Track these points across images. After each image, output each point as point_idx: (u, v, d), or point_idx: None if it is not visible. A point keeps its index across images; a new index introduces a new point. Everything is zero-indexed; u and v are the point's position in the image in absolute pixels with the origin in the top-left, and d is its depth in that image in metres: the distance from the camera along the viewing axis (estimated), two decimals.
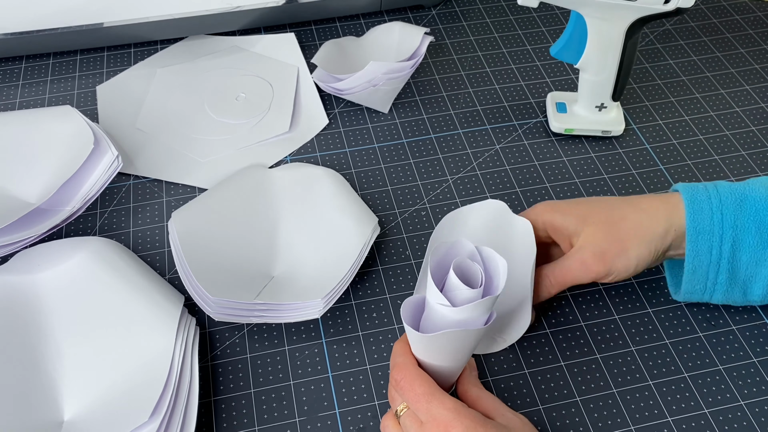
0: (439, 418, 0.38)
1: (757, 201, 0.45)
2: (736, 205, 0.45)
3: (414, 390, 0.39)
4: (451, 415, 0.38)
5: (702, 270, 0.46)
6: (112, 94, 0.67)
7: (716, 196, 0.46)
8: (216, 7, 0.68)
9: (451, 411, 0.38)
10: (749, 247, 0.45)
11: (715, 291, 0.47)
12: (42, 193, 0.55)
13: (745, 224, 0.45)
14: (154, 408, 0.43)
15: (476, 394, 0.43)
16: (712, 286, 0.46)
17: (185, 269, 0.50)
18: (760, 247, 0.45)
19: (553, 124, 0.63)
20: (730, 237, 0.45)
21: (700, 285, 0.47)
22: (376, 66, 0.60)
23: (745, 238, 0.45)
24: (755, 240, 0.45)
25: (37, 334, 0.48)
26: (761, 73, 0.70)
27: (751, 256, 0.45)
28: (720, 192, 0.46)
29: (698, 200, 0.46)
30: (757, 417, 0.46)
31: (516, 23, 0.75)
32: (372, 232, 0.53)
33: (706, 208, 0.45)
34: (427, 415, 0.39)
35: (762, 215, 0.45)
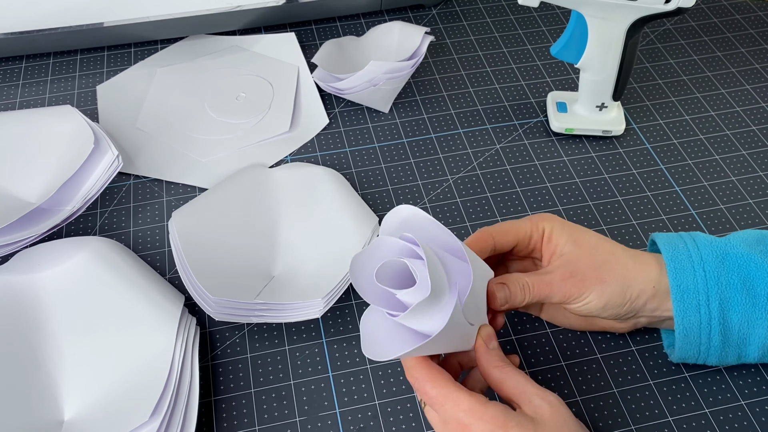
0: (457, 419, 0.37)
1: (739, 257, 0.44)
2: (718, 262, 0.44)
3: (427, 393, 0.38)
4: (467, 417, 0.37)
5: (694, 332, 0.44)
6: (112, 94, 0.67)
7: (697, 253, 0.44)
8: (216, 6, 0.68)
9: (466, 413, 0.37)
10: (738, 305, 0.43)
11: (710, 354, 0.45)
12: (42, 192, 0.55)
13: (730, 281, 0.43)
14: (155, 408, 0.43)
15: (499, 376, 0.40)
16: (706, 350, 0.45)
17: (185, 269, 0.50)
18: (749, 305, 0.43)
19: (554, 123, 0.63)
20: (717, 294, 0.43)
21: (693, 349, 0.45)
22: (377, 66, 0.60)
23: (732, 295, 0.43)
24: (742, 297, 0.43)
25: (38, 334, 0.48)
26: (762, 73, 0.70)
27: (741, 316, 0.43)
28: (700, 248, 0.45)
29: (679, 258, 0.44)
30: (757, 417, 0.46)
31: (516, 23, 0.75)
32: (372, 232, 0.53)
33: (688, 266, 0.44)
34: (446, 415, 0.38)
35: (745, 271, 0.44)
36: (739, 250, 0.44)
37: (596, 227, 0.57)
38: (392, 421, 0.46)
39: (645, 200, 0.59)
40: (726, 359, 0.45)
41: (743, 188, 0.60)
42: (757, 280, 0.43)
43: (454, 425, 0.38)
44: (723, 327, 0.44)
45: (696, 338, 0.44)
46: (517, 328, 0.51)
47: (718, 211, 0.58)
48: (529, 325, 0.51)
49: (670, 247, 0.45)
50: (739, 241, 0.45)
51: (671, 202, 0.59)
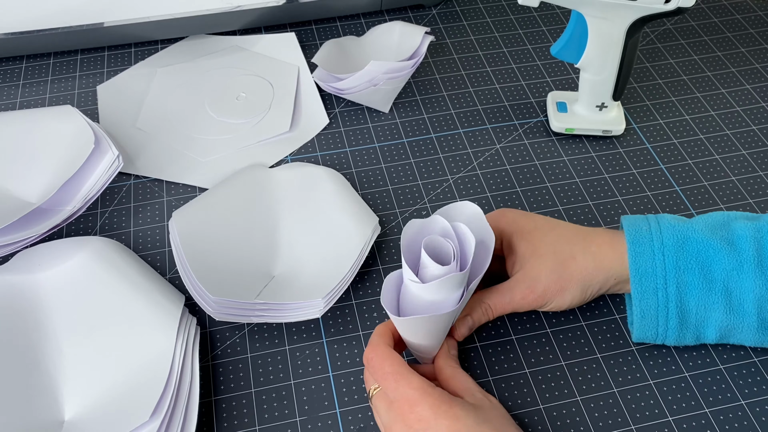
0: (406, 396, 0.40)
1: (698, 242, 0.45)
2: (678, 246, 0.45)
3: (383, 369, 0.41)
4: (417, 394, 0.39)
5: (651, 314, 0.45)
6: (112, 94, 0.67)
7: (658, 236, 0.45)
8: (216, 6, 0.68)
9: (417, 390, 0.40)
10: (695, 288, 0.44)
11: (668, 336, 0.46)
12: (42, 192, 0.55)
13: (687, 265, 0.44)
14: (155, 407, 0.43)
15: (450, 372, 0.44)
16: (664, 331, 0.46)
17: (186, 269, 0.50)
18: (705, 289, 0.44)
19: (554, 123, 0.63)
20: (674, 278, 0.44)
21: (651, 330, 0.46)
22: (377, 65, 0.60)
23: (690, 279, 0.44)
24: (699, 281, 0.44)
25: (38, 334, 0.48)
26: (762, 73, 0.70)
27: (698, 299, 0.45)
28: (663, 231, 0.46)
29: (640, 242, 0.45)
30: (757, 417, 0.46)
31: (516, 23, 0.75)
32: (372, 231, 0.53)
33: (648, 250, 0.45)
34: (395, 393, 0.40)
35: (703, 256, 0.45)
36: (700, 235, 0.45)
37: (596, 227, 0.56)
38: None
39: (645, 200, 0.59)
40: (684, 340, 0.47)
41: (743, 188, 0.60)
42: (714, 265, 0.44)
43: (402, 403, 0.40)
44: (680, 310, 0.45)
45: (653, 320, 0.46)
46: (517, 328, 0.51)
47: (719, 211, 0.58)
48: (529, 325, 0.51)
49: (633, 229, 0.46)
50: (701, 225, 0.46)
51: (671, 201, 0.59)
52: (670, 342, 0.47)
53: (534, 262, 0.46)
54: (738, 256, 0.44)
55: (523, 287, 0.46)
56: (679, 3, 0.52)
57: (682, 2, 0.52)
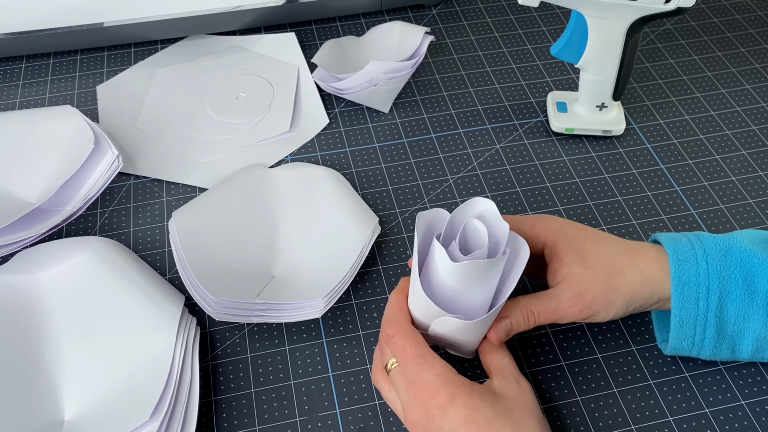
0: (428, 381, 0.39)
1: (742, 251, 0.44)
2: (721, 255, 0.44)
3: (405, 350, 0.40)
4: (438, 381, 0.39)
5: (689, 324, 0.44)
6: (112, 94, 0.67)
7: (700, 246, 0.44)
8: (216, 6, 0.68)
9: (438, 377, 0.39)
10: (736, 299, 0.43)
11: (703, 346, 0.45)
12: (42, 192, 0.55)
13: (731, 275, 0.43)
14: (155, 408, 0.43)
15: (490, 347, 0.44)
16: (700, 341, 0.45)
17: (186, 269, 0.50)
18: (747, 299, 0.43)
19: (554, 123, 0.63)
20: (717, 288, 0.43)
21: (687, 340, 0.45)
22: (377, 65, 0.60)
23: (732, 289, 0.43)
24: (742, 291, 0.43)
25: (38, 334, 0.48)
26: (762, 73, 0.70)
27: (739, 309, 0.44)
28: (704, 242, 0.45)
29: (682, 251, 0.44)
30: (758, 416, 0.46)
31: (516, 23, 0.75)
32: (372, 231, 0.53)
33: (691, 258, 0.44)
34: (416, 376, 0.40)
35: (747, 266, 0.44)
36: (743, 244, 0.44)
37: (596, 227, 0.57)
38: (392, 421, 0.46)
39: (645, 200, 0.59)
40: (719, 353, 0.45)
41: (743, 188, 0.60)
42: (757, 276, 0.43)
43: (422, 387, 0.39)
44: (719, 319, 0.44)
45: (691, 330, 0.45)
46: None
47: (718, 211, 0.58)
48: None
49: (672, 241, 0.45)
50: (742, 237, 0.45)
51: (671, 201, 0.59)
52: (705, 354, 0.46)
53: (583, 273, 0.44)
54: None
55: (570, 296, 0.44)
56: (679, 3, 0.52)
57: (682, 2, 0.52)
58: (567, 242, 0.45)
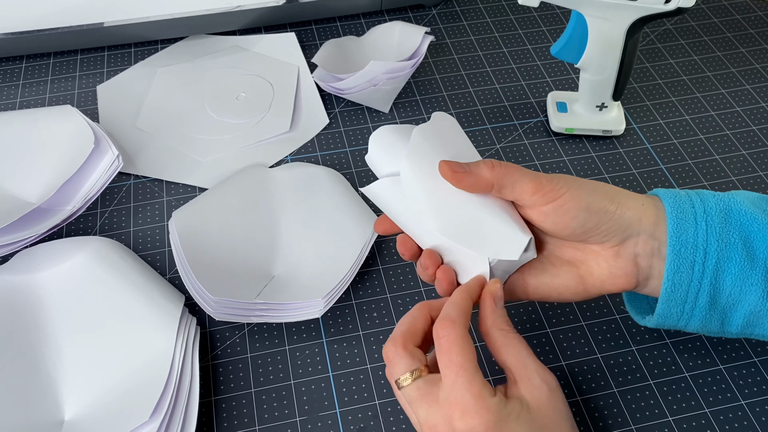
0: (459, 400, 0.36)
1: (742, 214, 0.40)
2: (722, 217, 0.40)
3: (450, 356, 0.37)
4: (473, 403, 0.36)
5: (682, 289, 0.40)
6: (112, 94, 0.67)
7: (700, 205, 0.41)
8: (216, 6, 0.68)
9: (475, 398, 0.36)
10: (735, 266, 0.40)
11: (693, 316, 0.41)
12: (42, 192, 0.55)
13: (730, 239, 0.40)
14: (155, 407, 0.43)
15: (502, 341, 0.39)
16: (690, 309, 0.41)
17: (186, 269, 0.50)
18: (747, 267, 0.40)
19: (554, 123, 0.63)
20: (715, 252, 0.40)
21: (677, 308, 0.41)
22: (377, 66, 0.60)
23: (731, 255, 0.40)
24: (741, 259, 0.40)
25: (38, 334, 0.48)
26: (762, 73, 0.70)
27: (736, 277, 0.40)
28: (704, 201, 0.41)
29: (682, 208, 0.41)
30: (758, 417, 0.46)
31: (516, 23, 0.75)
32: (372, 231, 0.53)
33: (690, 217, 0.40)
34: (450, 390, 0.36)
35: (747, 231, 0.40)
36: (743, 206, 0.41)
37: None
38: (392, 421, 0.46)
39: None
40: (708, 325, 0.42)
41: (743, 188, 0.60)
42: (757, 242, 0.40)
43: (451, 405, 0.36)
44: (713, 287, 0.40)
45: (683, 296, 0.41)
46: (517, 328, 0.51)
47: None
48: (529, 324, 0.51)
49: (671, 196, 0.42)
50: (742, 197, 0.42)
51: None
52: (692, 326, 0.42)
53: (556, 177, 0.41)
54: None
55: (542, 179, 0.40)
56: (679, 3, 0.52)
57: (682, 2, 0.52)
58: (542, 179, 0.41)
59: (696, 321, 0.41)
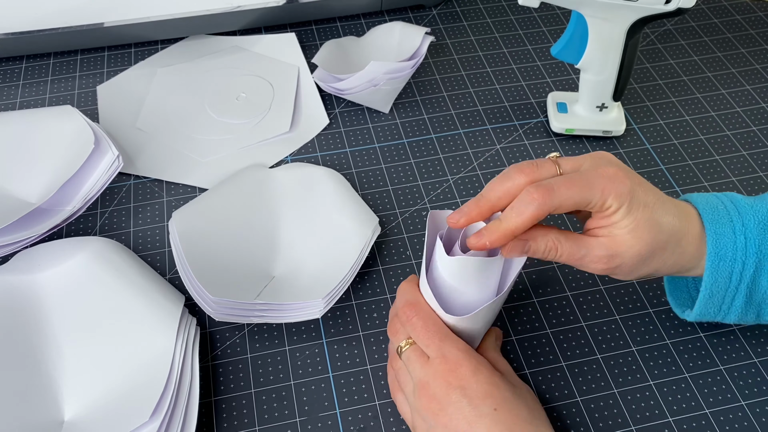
0: (449, 356, 0.40)
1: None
2: (761, 229, 0.42)
3: (428, 328, 0.41)
4: (462, 356, 0.40)
5: (719, 295, 0.43)
6: (112, 94, 0.67)
7: (738, 218, 0.42)
8: (216, 7, 0.68)
9: (462, 352, 0.40)
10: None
11: (729, 313, 0.44)
12: (42, 192, 0.55)
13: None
14: (155, 408, 0.43)
15: (494, 356, 0.45)
16: (727, 309, 0.44)
17: (186, 269, 0.50)
18: None
19: (554, 124, 0.63)
20: (753, 262, 0.42)
21: (714, 308, 0.44)
22: (377, 66, 0.60)
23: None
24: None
25: (38, 334, 0.48)
26: (762, 73, 0.70)
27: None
28: (741, 212, 0.43)
29: (720, 223, 0.42)
30: (758, 417, 0.46)
31: (517, 23, 0.75)
32: (372, 232, 0.53)
33: (729, 232, 0.42)
34: (437, 352, 0.40)
35: None
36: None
37: None
38: (392, 422, 0.46)
39: None
40: (745, 318, 0.45)
41: (743, 189, 0.60)
42: None
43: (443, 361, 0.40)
44: (750, 289, 0.43)
45: (719, 300, 0.43)
46: (517, 329, 0.51)
47: None
48: (529, 325, 0.51)
49: (711, 210, 0.43)
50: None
51: None
52: (730, 320, 0.45)
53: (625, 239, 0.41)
54: None
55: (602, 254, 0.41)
56: (680, 4, 0.52)
57: (682, 3, 0.52)
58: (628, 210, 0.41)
59: (733, 316, 0.45)
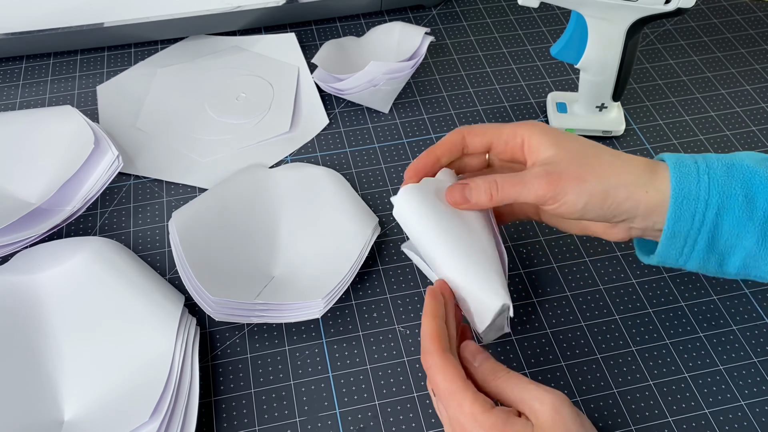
0: (458, 421, 0.38)
1: (744, 168, 0.43)
2: (724, 170, 0.42)
3: (437, 384, 0.39)
4: (468, 421, 0.37)
5: (681, 235, 0.43)
6: (112, 94, 0.67)
7: (703, 161, 0.43)
8: (216, 7, 0.68)
9: (467, 417, 0.37)
10: (733, 215, 0.42)
11: (691, 257, 0.44)
12: (42, 192, 0.55)
13: (732, 190, 0.42)
14: (155, 408, 0.43)
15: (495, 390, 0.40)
16: (689, 252, 0.43)
17: (185, 269, 0.50)
18: (745, 216, 0.42)
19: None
20: (716, 203, 0.42)
21: (675, 250, 0.44)
22: (377, 66, 0.60)
23: (732, 204, 0.42)
24: (741, 208, 0.42)
25: (38, 334, 0.48)
26: (762, 74, 0.70)
27: (734, 225, 0.42)
28: (707, 158, 0.44)
29: (685, 164, 0.43)
30: (757, 417, 0.46)
31: (516, 23, 0.75)
32: (372, 232, 0.53)
33: (693, 171, 0.43)
34: (449, 413, 0.39)
35: (749, 183, 0.42)
36: (746, 162, 0.43)
37: None
38: (392, 422, 0.46)
39: None
40: (706, 266, 0.44)
41: None
42: (758, 194, 0.42)
43: (455, 425, 0.39)
44: (712, 234, 0.42)
45: (681, 241, 0.43)
46: (517, 329, 0.51)
47: None
48: (529, 325, 0.51)
49: (676, 156, 0.44)
50: (745, 155, 0.44)
51: None
52: (691, 266, 0.44)
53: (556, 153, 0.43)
54: None
55: (540, 170, 0.43)
56: (679, 4, 0.52)
57: (682, 3, 0.52)
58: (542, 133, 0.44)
59: (694, 262, 0.44)
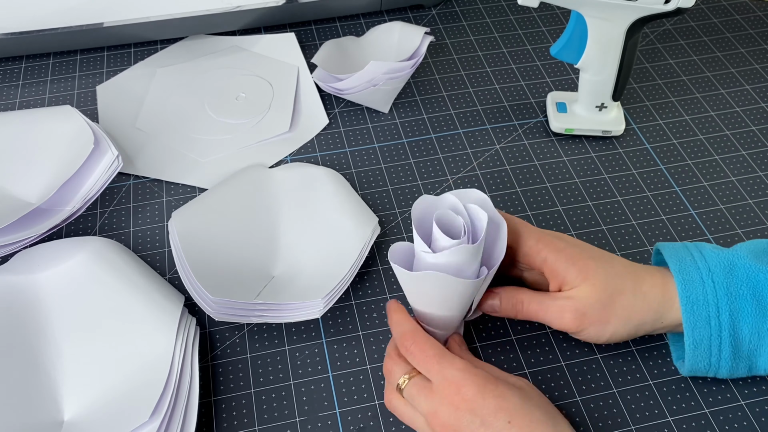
0: (450, 378, 0.40)
1: (746, 268, 0.44)
2: (726, 272, 0.44)
3: (425, 352, 0.41)
4: (461, 375, 0.40)
5: (704, 343, 0.44)
6: (112, 94, 0.67)
7: (704, 264, 0.44)
8: (216, 7, 0.68)
9: (461, 371, 0.40)
10: (748, 316, 0.43)
11: (720, 366, 0.45)
12: (42, 192, 0.55)
13: (739, 291, 0.43)
14: (155, 408, 0.43)
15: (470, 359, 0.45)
16: (717, 361, 0.44)
17: (185, 269, 0.50)
18: (760, 316, 0.43)
19: (554, 124, 0.63)
20: (727, 306, 0.43)
21: (704, 361, 0.45)
22: (377, 66, 0.60)
23: (743, 306, 0.43)
24: (753, 308, 0.43)
25: (37, 334, 0.48)
26: (761, 73, 0.70)
27: (752, 326, 0.43)
28: (707, 259, 0.45)
29: (687, 270, 0.44)
30: (757, 417, 0.46)
31: (516, 23, 0.75)
32: (372, 232, 0.53)
33: (696, 277, 0.44)
34: (439, 375, 0.40)
35: (754, 282, 0.43)
36: (746, 261, 0.44)
37: (596, 227, 0.57)
38: (392, 421, 0.46)
39: (645, 200, 0.59)
40: (737, 371, 0.45)
41: (743, 188, 0.60)
42: (765, 291, 0.43)
43: (446, 385, 0.40)
44: (733, 338, 0.43)
45: (706, 350, 0.44)
46: (517, 329, 0.51)
47: (718, 212, 0.58)
48: (528, 325, 0.51)
49: (676, 259, 0.45)
50: (745, 251, 0.45)
51: (671, 202, 0.59)
52: (722, 374, 0.45)
53: (582, 287, 0.44)
54: None
55: (564, 303, 0.44)
56: (679, 3, 0.52)
57: (681, 3, 0.52)
58: (569, 260, 0.45)
59: (724, 370, 0.45)
